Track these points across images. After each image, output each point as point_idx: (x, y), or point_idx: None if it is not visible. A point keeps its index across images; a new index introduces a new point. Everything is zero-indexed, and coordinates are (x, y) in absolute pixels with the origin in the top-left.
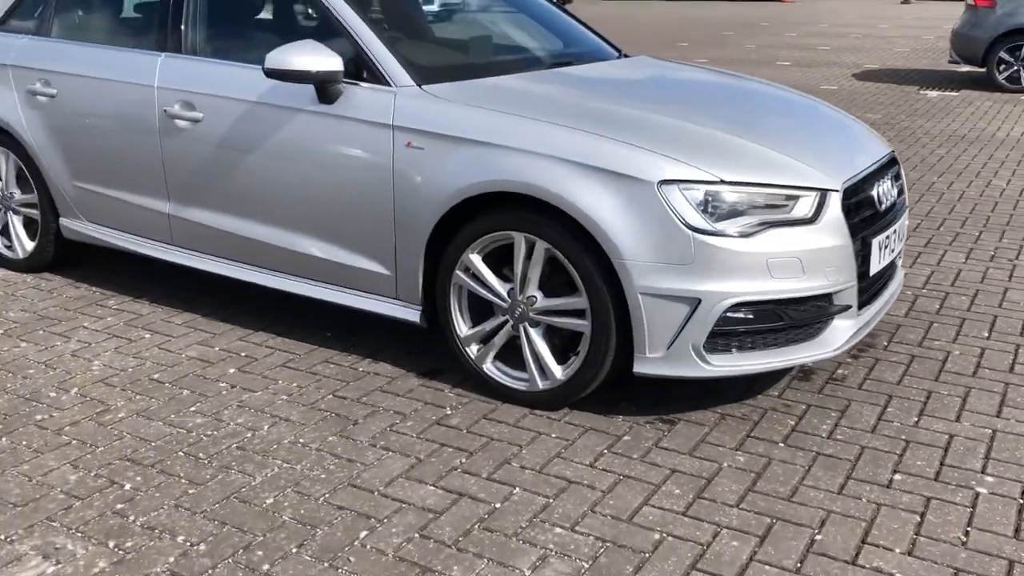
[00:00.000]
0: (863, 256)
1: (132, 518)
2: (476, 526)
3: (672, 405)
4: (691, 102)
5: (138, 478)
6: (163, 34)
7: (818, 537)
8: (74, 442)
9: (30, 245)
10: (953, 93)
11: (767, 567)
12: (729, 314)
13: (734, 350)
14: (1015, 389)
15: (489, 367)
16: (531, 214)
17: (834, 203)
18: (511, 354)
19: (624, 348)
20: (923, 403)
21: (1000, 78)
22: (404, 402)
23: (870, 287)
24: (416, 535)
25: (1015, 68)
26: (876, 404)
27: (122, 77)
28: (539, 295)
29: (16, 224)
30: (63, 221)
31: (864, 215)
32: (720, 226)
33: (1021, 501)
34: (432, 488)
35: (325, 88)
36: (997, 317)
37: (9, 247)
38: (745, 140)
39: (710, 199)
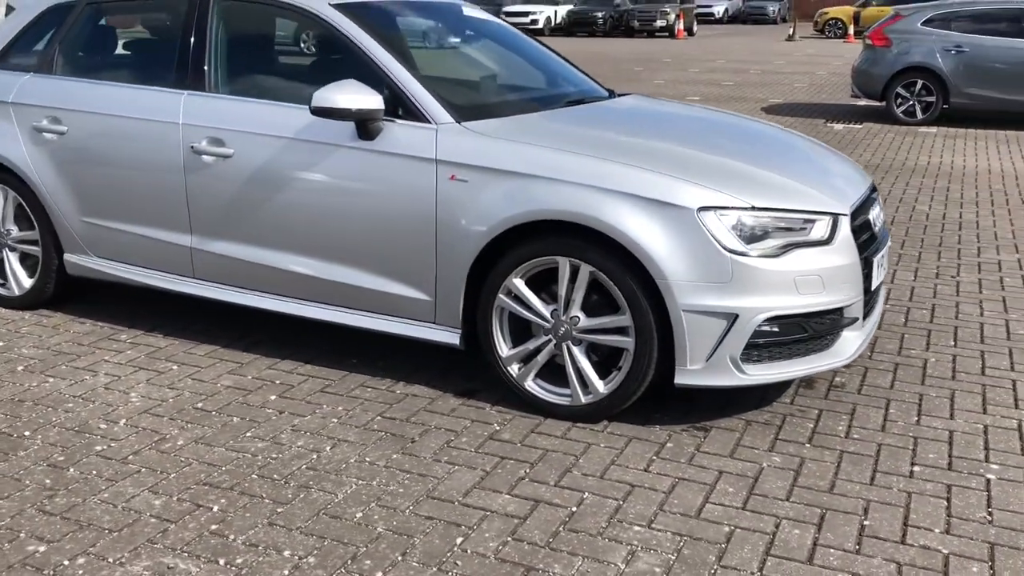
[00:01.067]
0: (866, 273)
1: (231, 537)
2: (561, 528)
3: (701, 415)
4: (705, 136)
5: (222, 500)
6: (183, 72)
7: (866, 523)
8: (143, 470)
9: (28, 282)
10: (857, 126)
11: (831, 550)
12: (762, 327)
13: (765, 360)
14: (991, 390)
15: (531, 384)
16: (576, 240)
17: (844, 226)
18: (550, 371)
19: (664, 362)
20: (918, 405)
21: (898, 112)
22: (451, 420)
23: (870, 301)
24: (509, 538)
25: (911, 103)
26: (878, 407)
27: (142, 115)
28: (582, 315)
29: (12, 261)
30: (68, 257)
31: (865, 236)
32: (752, 247)
33: None
34: (508, 496)
35: (366, 125)
36: (957, 328)
37: (3, 284)
38: (763, 170)
39: (742, 223)
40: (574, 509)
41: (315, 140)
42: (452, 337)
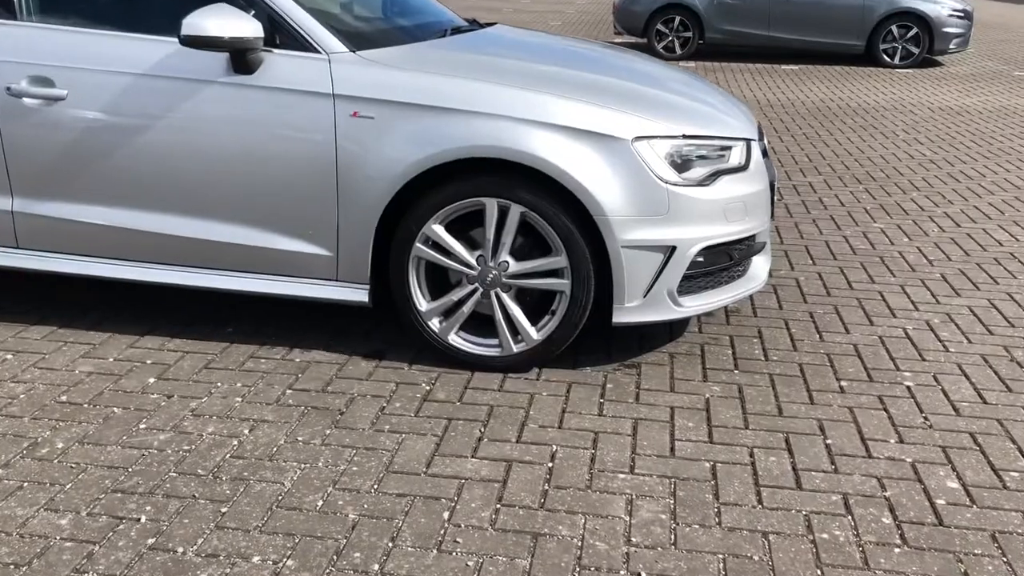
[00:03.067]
0: (772, 198)
1: (179, 550)
2: (546, 486)
3: (624, 354)
4: (603, 65)
5: (147, 507)
6: None
7: (828, 442)
8: (26, 485)
9: None
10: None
11: (813, 473)
12: (696, 258)
13: (696, 291)
14: (867, 303)
15: (455, 338)
16: (504, 179)
17: (756, 151)
18: (474, 323)
19: (598, 301)
20: (812, 323)
21: (659, 47)
22: (374, 385)
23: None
24: (498, 505)
25: (670, 38)
26: (779, 328)
27: None
28: (511, 260)
29: None
30: None
31: (766, 162)
32: (683, 177)
33: (941, 387)
34: (476, 460)
35: (243, 56)
36: (808, 247)
37: None
38: (676, 96)
39: (675, 153)
40: (550, 465)
41: (177, 76)
42: (358, 295)
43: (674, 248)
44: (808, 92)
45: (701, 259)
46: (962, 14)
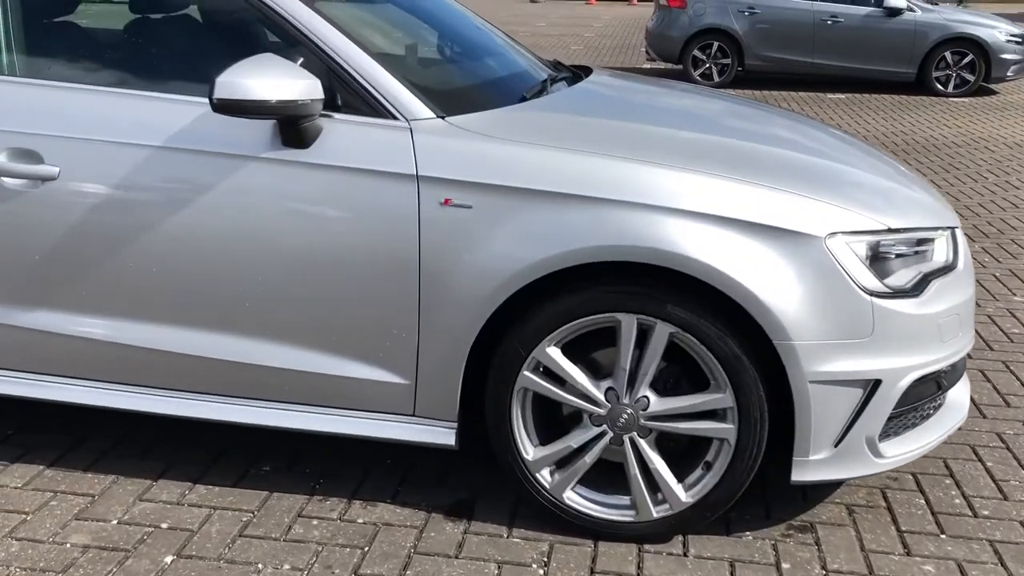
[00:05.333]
0: None
1: None
2: None
3: (785, 509)
4: (756, 126)
5: None
6: None
7: None
8: None
9: None
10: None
11: None
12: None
13: (900, 433)
14: None
15: (572, 497)
16: (648, 288)
17: (961, 241)
18: (596, 473)
19: (771, 452)
20: (1005, 448)
21: (695, 75)
22: (469, 567)
23: None
24: None
25: (707, 65)
26: (969, 458)
27: None
28: (652, 395)
29: None
30: None
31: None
32: (890, 284)
33: None
34: None
35: (296, 125)
36: None
37: None
38: (859, 171)
39: (877, 253)
40: None
41: (206, 150)
42: (442, 436)
43: (879, 382)
44: (863, 124)
45: (908, 393)
46: (1020, 40)
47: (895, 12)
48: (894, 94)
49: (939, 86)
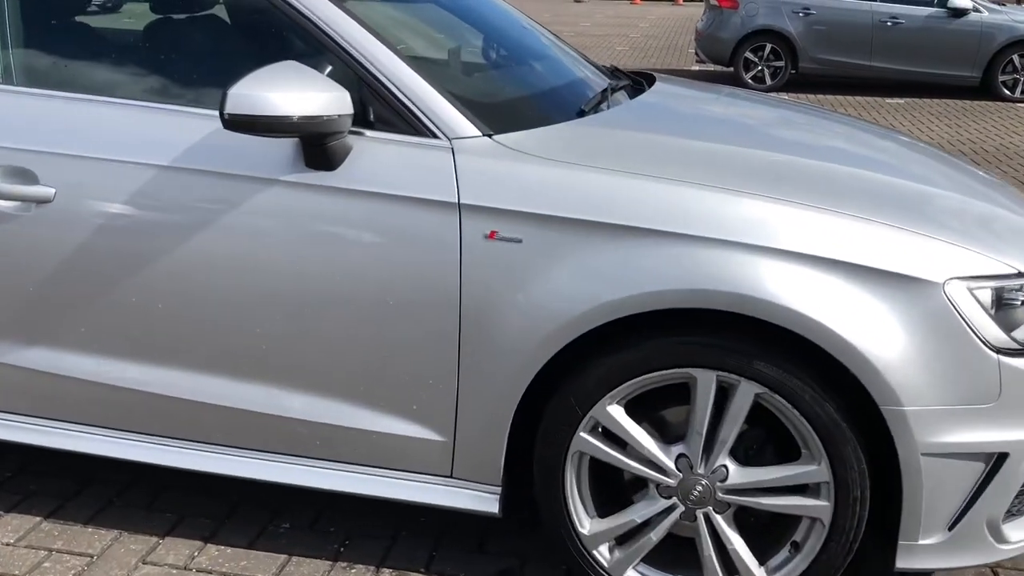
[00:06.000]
0: None
1: None
2: None
3: None
4: (860, 149)
5: None
6: None
7: None
8: None
9: None
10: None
11: None
12: None
13: (1021, 513)
14: None
15: None
16: (731, 341)
17: None
18: (661, 549)
19: (872, 533)
20: None
21: (746, 77)
22: None
23: None
24: None
25: (759, 68)
26: None
27: None
28: (731, 464)
29: None
30: None
31: None
32: (1018, 338)
33: None
34: None
35: (322, 143)
36: None
37: None
38: (976, 201)
39: (1002, 300)
40: None
41: (219, 170)
42: (484, 501)
43: (1005, 456)
44: (926, 131)
45: None
46: None
47: (960, 13)
48: (957, 99)
49: (1005, 91)
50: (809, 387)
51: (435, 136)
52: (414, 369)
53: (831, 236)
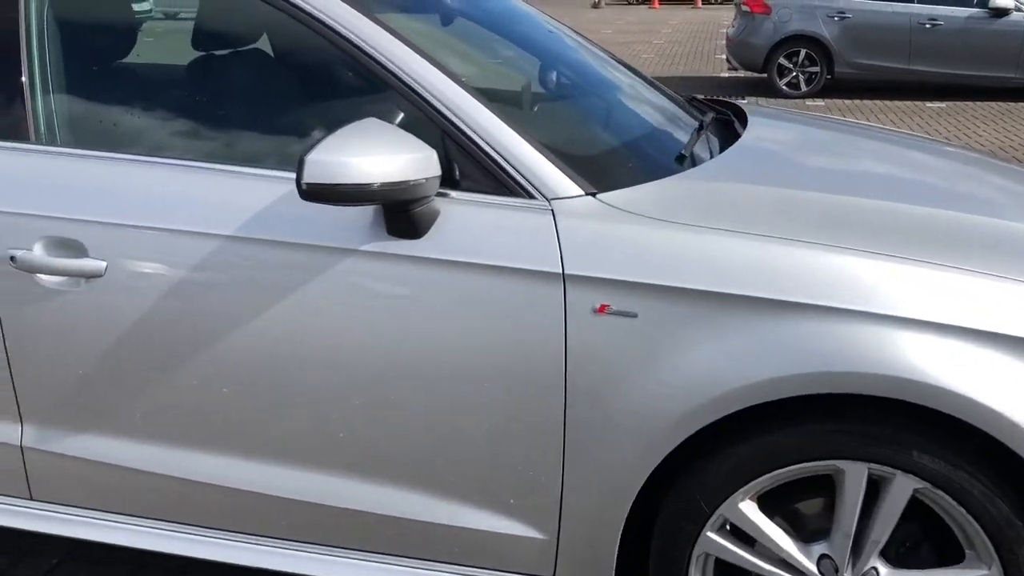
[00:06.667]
0: None
1: None
2: None
3: None
4: (996, 195)
5: None
6: None
7: None
8: None
9: None
10: (740, 102)
11: None
12: None
13: None
14: None
15: None
16: (886, 429)
17: None
18: None
19: None
20: None
21: (781, 84)
22: None
23: None
24: None
25: (793, 75)
26: None
27: None
28: (882, 566)
29: None
30: None
31: None
32: None
33: None
34: None
35: (407, 211)
36: None
37: None
38: None
39: None
40: None
41: (287, 240)
42: None
43: None
44: (970, 135)
45: None
46: None
47: (1001, 13)
48: (1000, 101)
49: None
50: (979, 481)
51: (531, 196)
52: (511, 460)
53: (1012, 310)
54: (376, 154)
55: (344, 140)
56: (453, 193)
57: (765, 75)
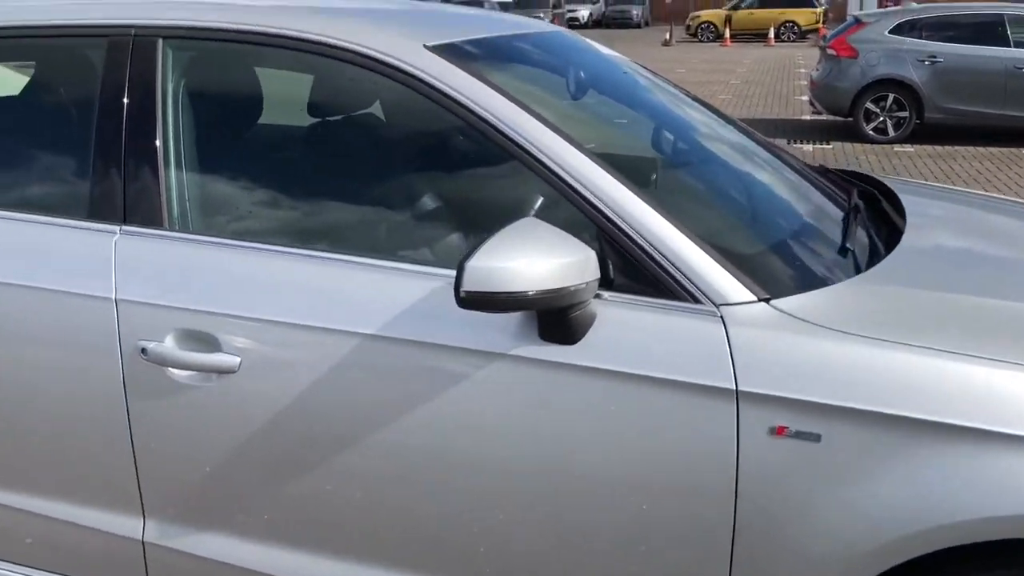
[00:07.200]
0: None
1: None
2: None
3: None
4: None
5: None
6: (108, 191)
7: None
8: None
9: None
10: (825, 146)
11: None
12: None
13: None
14: None
15: None
16: None
17: None
18: None
19: None
20: None
21: (867, 129)
22: None
23: None
24: None
25: (881, 119)
26: None
27: (19, 279)
28: None
29: None
30: None
31: None
32: None
33: None
34: None
35: (565, 316)
36: None
37: None
38: None
39: None
40: None
41: (436, 342)
42: None
43: None
44: None
45: None
46: None
47: None
48: None
49: None
50: None
51: (697, 301)
52: None
53: None
54: (535, 259)
55: (503, 244)
56: (607, 294)
57: (851, 119)
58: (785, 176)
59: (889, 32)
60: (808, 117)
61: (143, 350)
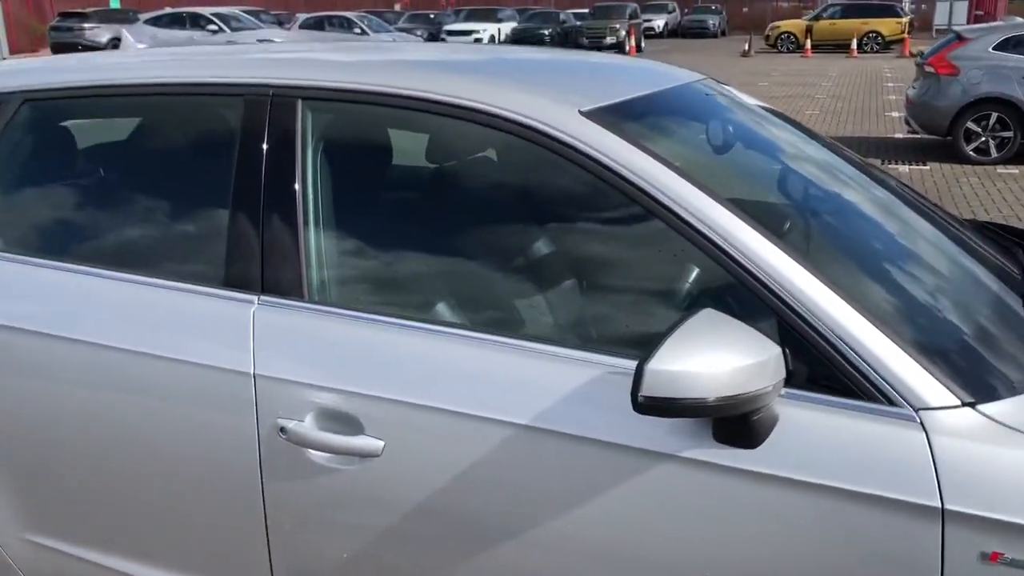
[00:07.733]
0: None
1: None
2: None
3: None
4: None
5: None
6: (245, 259)
7: None
8: None
9: None
10: (922, 167)
11: None
12: None
13: None
14: None
15: None
16: None
17: None
18: None
19: None
20: None
21: (967, 149)
22: None
23: None
24: None
25: (983, 139)
26: None
27: (154, 350)
28: None
29: None
30: None
31: None
32: None
33: None
34: None
35: (746, 421)
36: None
37: None
38: None
39: None
40: None
41: (597, 438)
42: None
43: None
44: None
45: None
46: None
47: None
48: None
49: None
50: None
51: (891, 403)
52: None
53: None
54: (719, 361)
55: (684, 344)
56: (787, 391)
57: (949, 138)
58: (963, 247)
59: (993, 49)
60: (901, 135)
61: (282, 429)
